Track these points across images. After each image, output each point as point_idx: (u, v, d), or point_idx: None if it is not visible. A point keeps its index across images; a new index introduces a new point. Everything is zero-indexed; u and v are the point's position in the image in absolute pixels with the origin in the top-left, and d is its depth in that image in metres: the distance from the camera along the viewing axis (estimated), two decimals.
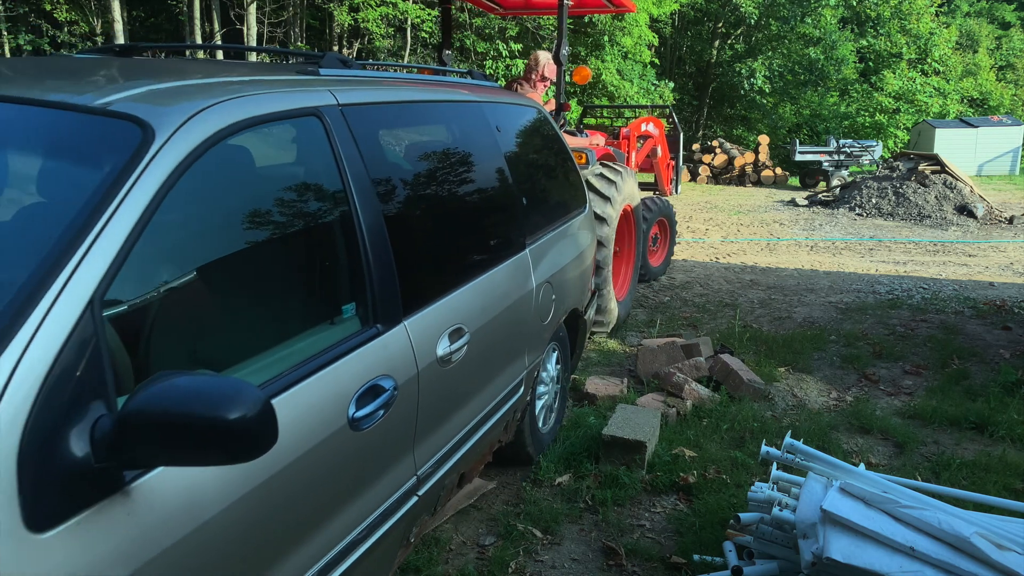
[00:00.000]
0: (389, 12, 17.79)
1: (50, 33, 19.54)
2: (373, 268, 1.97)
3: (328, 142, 1.95)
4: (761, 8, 22.24)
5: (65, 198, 1.40)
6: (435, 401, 2.20)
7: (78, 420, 1.19)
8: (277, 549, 1.60)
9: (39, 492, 1.12)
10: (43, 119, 1.56)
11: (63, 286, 1.22)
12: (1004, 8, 41.84)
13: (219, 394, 1.18)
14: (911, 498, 2.36)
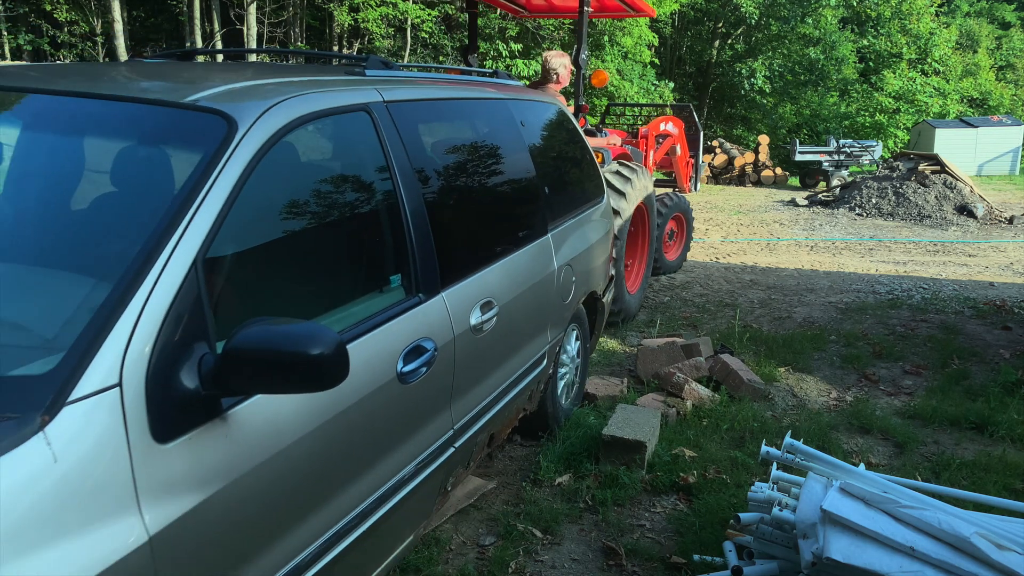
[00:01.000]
0: (389, 12, 17.79)
1: (50, 33, 19.53)
2: (415, 245, 2.27)
3: (376, 134, 2.25)
4: (761, 8, 22.23)
5: (168, 179, 1.70)
6: (468, 364, 2.48)
7: (187, 357, 1.48)
8: (339, 479, 1.87)
9: (161, 412, 1.41)
10: (144, 114, 1.86)
11: (173, 249, 1.51)
12: (1004, 8, 41.84)
13: (304, 335, 1.45)
14: (911, 498, 2.36)
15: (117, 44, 17.04)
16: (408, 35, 18.83)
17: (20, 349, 1.43)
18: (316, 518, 1.80)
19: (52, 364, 1.34)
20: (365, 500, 1.98)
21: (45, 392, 1.30)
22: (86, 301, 1.45)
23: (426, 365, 2.19)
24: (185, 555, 1.44)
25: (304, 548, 1.76)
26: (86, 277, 1.56)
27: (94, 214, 1.78)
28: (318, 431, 1.77)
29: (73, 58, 17.91)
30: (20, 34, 19.20)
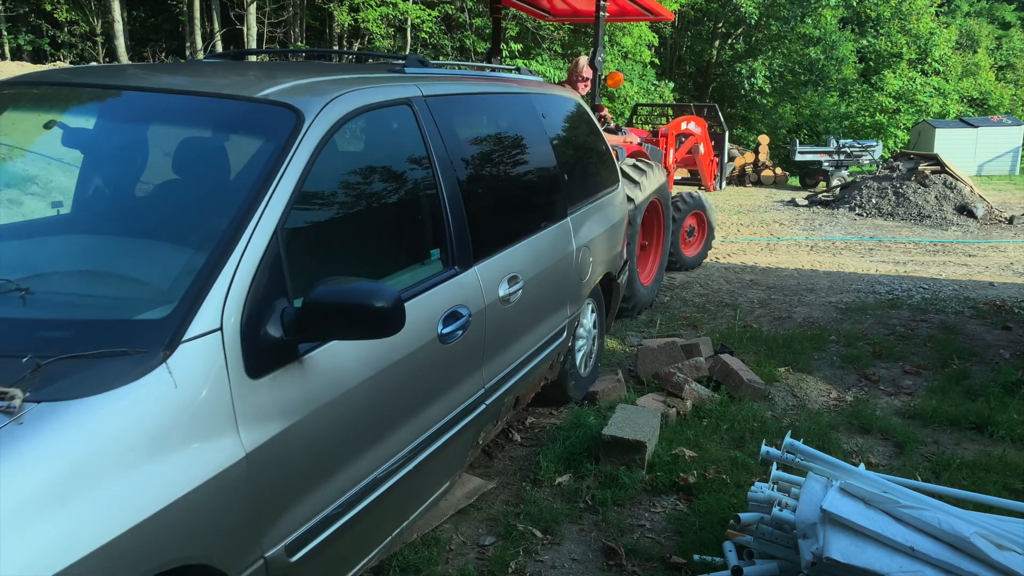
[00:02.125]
0: (389, 12, 17.79)
1: (50, 33, 19.52)
2: (452, 223, 2.57)
3: (416, 125, 2.55)
4: (761, 8, 22.23)
5: (250, 162, 1.98)
6: (497, 331, 2.79)
7: (272, 309, 1.78)
8: (392, 421, 2.20)
9: (252, 353, 1.71)
10: (225, 107, 2.18)
11: (257, 221, 1.80)
12: (1004, 8, 41.83)
13: (369, 290, 1.75)
14: (911, 498, 2.35)
15: (117, 44, 17.03)
16: (408, 35, 18.82)
17: (142, 300, 1.77)
18: (373, 453, 2.12)
19: (168, 311, 1.64)
20: (412, 442, 2.30)
21: (164, 332, 1.60)
22: (190, 263, 1.75)
23: (462, 329, 2.50)
24: (270, 473, 1.74)
25: (363, 478, 2.08)
26: (188, 245, 1.87)
27: (191, 193, 2.14)
28: (374, 378, 2.08)
29: (73, 58, 17.91)
30: (20, 34, 19.18)
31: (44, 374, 1.44)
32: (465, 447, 2.74)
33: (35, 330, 1.62)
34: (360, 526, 2.11)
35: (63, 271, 1.98)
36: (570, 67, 6.25)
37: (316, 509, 1.91)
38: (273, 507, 1.77)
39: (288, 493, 1.82)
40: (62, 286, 1.87)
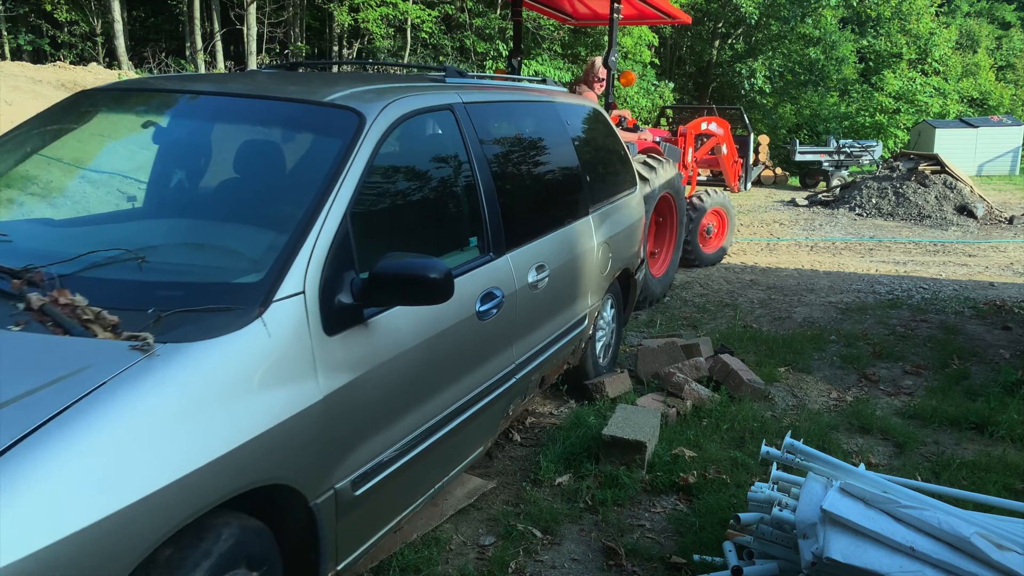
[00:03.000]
0: (389, 12, 17.78)
1: (50, 33, 19.50)
2: (487, 215, 2.89)
3: (457, 128, 2.89)
4: (761, 8, 22.22)
5: (321, 157, 2.31)
6: (526, 313, 3.09)
7: (343, 278, 2.10)
8: (438, 383, 2.52)
9: (328, 314, 2.03)
10: (298, 110, 2.57)
11: (330, 207, 2.13)
12: (1004, 8, 41.81)
13: (424, 264, 2.07)
14: (911, 498, 2.35)
15: (117, 44, 17.02)
16: (408, 35, 18.82)
17: (239, 267, 2.11)
18: (422, 409, 2.44)
19: (261, 276, 1.97)
20: (455, 403, 2.62)
21: (258, 293, 1.92)
22: (276, 239, 2.08)
23: (496, 308, 2.80)
24: (341, 416, 2.06)
25: (414, 430, 2.40)
26: (274, 224, 2.20)
27: (274, 182, 2.52)
28: (424, 344, 2.40)
29: (73, 58, 17.91)
30: (20, 34, 19.17)
31: (165, 323, 1.78)
32: (497, 416, 3.07)
33: (154, 290, 1.96)
34: (410, 473, 2.44)
35: (171, 244, 2.34)
36: (586, 68, 6.49)
37: (376, 452, 2.23)
38: (342, 446, 2.09)
39: (354, 435, 2.14)
40: (172, 256, 2.21)
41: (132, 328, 1.75)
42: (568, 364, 3.84)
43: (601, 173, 4.17)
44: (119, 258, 2.07)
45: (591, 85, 6.40)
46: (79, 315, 1.79)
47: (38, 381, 1.58)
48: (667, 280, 6.60)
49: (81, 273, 1.98)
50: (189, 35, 18.28)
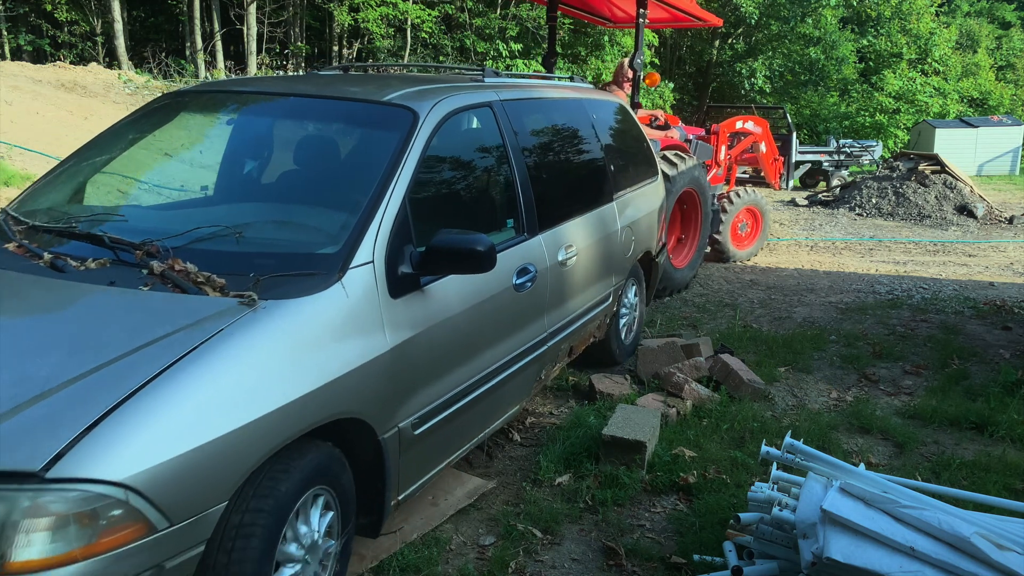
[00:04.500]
0: (389, 12, 17.77)
1: (50, 33, 19.50)
2: (522, 200, 3.25)
3: (496, 122, 3.26)
4: (761, 8, 22.21)
5: (383, 149, 2.68)
6: (556, 288, 3.45)
7: (403, 251, 2.47)
8: (481, 343, 2.89)
9: (391, 280, 2.41)
10: (361, 108, 2.97)
11: (392, 192, 2.50)
12: (1004, 8, 41.80)
13: (472, 239, 2.43)
14: (911, 498, 2.35)
15: (117, 44, 17.01)
16: (408, 35, 18.81)
17: (320, 241, 2.46)
18: (468, 365, 2.81)
19: (338, 248, 2.35)
20: (496, 363, 2.99)
21: (337, 261, 2.31)
22: (349, 218, 2.45)
23: (530, 281, 3.16)
24: (404, 365, 2.44)
25: (462, 383, 2.77)
26: (346, 207, 2.54)
27: (344, 171, 2.89)
28: (470, 309, 2.77)
29: (73, 58, 17.90)
30: (20, 34, 19.15)
31: (263, 285, 2.16)
32: (531, 378, 3.43)
33: (251, 259, 2.32)
34: (458, 420, 2.81)
35: (261, 222, 2.70)
36: (615, 69, 6.95)
37: (431, 399, 2.60)
38: (404, 391, 2.46)
39: (414, 383, 2.50)
40: (263, 232, 2.58)
41: (236, 289, 2.14)
42: (594, 337, 4.21)
43: (624, 163, 4.50)
44: (219, 233, 2.47)
45: (620, 85, 6.76)
46: (192, 278, 2.19)
47: (170, 327, 1.97)
48: (690, 271, 6.88)
49: (189, 246, 2.37)
50: (189, 35, 18.28)
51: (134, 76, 14.62)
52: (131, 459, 1.67)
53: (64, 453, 1.62)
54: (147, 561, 1.70)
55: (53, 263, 2.30)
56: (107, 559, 1.64)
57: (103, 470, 1.64)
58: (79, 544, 1.61)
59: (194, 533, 1.80)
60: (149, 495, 1.68)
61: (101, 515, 1.63)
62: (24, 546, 1.58)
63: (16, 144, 7.99)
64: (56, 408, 1.71)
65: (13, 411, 1.70)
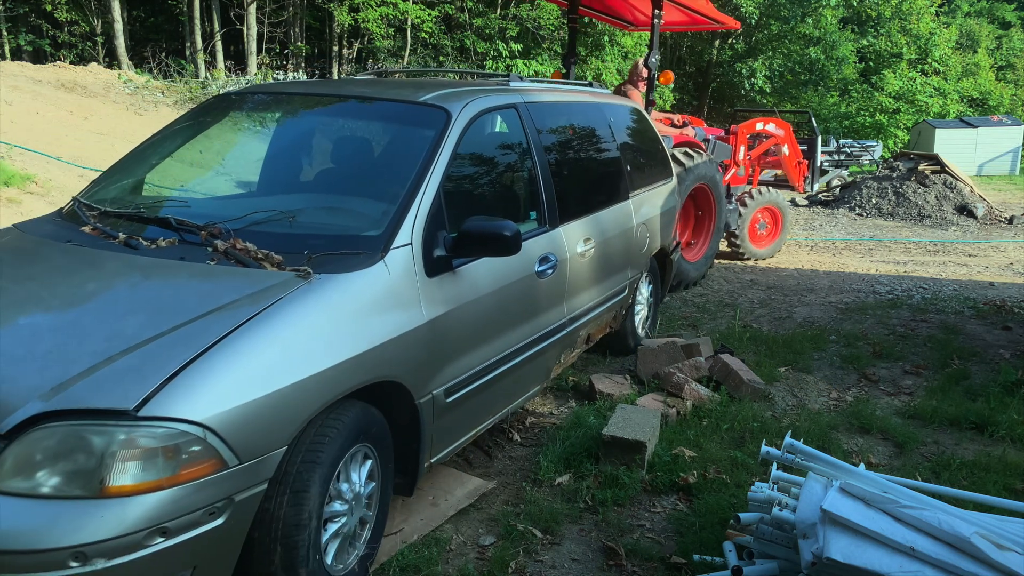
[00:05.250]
0: (389, 12, 17.77)
1: (50, 33, 19.49)
2: (544, 194, 3.49)
3: (520, 122, 3.51)
4: (761, 8, 22.21)
5: (414, 148, 2.95)
6: (575, 277, 3.68)
7: (437, 236, 2.73)
8: (506, 324, 3.13)
9: (427, 261, 2.67)
10: (399, 108, 3.28)
11: (427, 183, 2.76)
12: (1004, 8, 41.79)
13: (499, 224, 2.68)
14: (911, 498, 2.35)
15: (117, 44, 17.01)
16: (408, 35, 18.81)
17: (364, 224, 2.74)
18: (495, 343, 3.06)
19: (381, 231, 2.62)
20: (520, 343, 3.24)
21: (380, 242, 2.57)
22: (389, 207, 2.71)
23: (551, 269, 3.39)
24: (438, 337, 2.69)
25: (489, 359, 3.03)
26: (387, 195, 2.80)
27: (384, 164, 3.19)
28: (497, 291, 3.02)
29: (73, 58, 17.90)
30: (20, 34, 19.15)
31: (315, 262, 2.44)
32: (551, 360, 3.67)
33: (303, 240, 2.59)
34: (485, 393, 3.06)
35: (311, 208, 3.01)
36: (631, 69, 7.15)
37: (461, 371, 2.85)
38: (438, 361, 2.71)
39: (447, 355, 2.75)
40: (313, 217, 2.88)
41: (292, 265, 2.42)
42: (611, 328, 4.47)
43: (639, 164, 4.73)
44: (273, 218, 2.77)
45: (636, 84, 6.99)
46: (253, 255, 2.48)
47: (236, 295, 2.26)
48: (702, 266, 7.08)
49: (247, 228, 2.65)
50: (189, 35, 18.27)
51: (134, 76, 14.62)
52: (208, 403, 1.94)
53: (152, 396, 1.90)
54: (220, 493, 1.96)
55: (127, 242, 2.62)
56: (187, 488, 1.90)
57: (185, 411, 1.91)
58: (164, 474, 1.88)
59: (259, 472, 2.06)
60: (223, 435, 1.95)
61: (183, 450, 1.90)
62: (120, 473, 1.85)
63: (16, 144, 7.99)
64: (144, 359, 2.00)
65: (108, 361, 1.99)
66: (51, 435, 1.86)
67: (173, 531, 1.89)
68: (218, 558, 2.04)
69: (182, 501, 1.89)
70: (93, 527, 1.80)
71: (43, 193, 6.96)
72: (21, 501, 1.83)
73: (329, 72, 20.23)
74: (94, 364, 1.97)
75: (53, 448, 1.86)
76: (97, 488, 1.84)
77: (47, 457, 1.86)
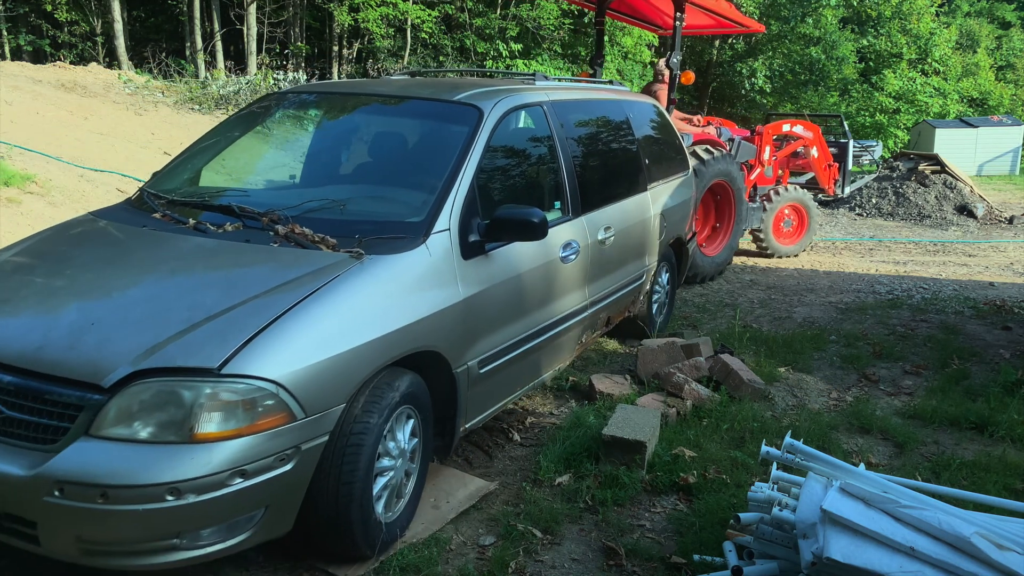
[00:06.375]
0: (389, 12, 17.76)
1: (50, 33, 19.49)
2: (567, 185, 3.79)
3: (546, 119, 3.80)
4: (761, 8, 22.20)
5: (450, 142, 3.23)
6: (596, 263, 3.96)
7: (472, 222, 3.03)
8: (532, 304, 3.42)
9: (463, 245, 2.97)
10: (435, 106, 3.59)
11: (462, 175, 3.07)
12: (1004, 8, 41.77)
13: (528, 212, 2.99)
14: (911, 498, 2.35)
15: (117, 44, 17.01)
16: (408, 35, 18.81)
17: (407, 212, 3.03)
18: (522, 322, 3.35)
19: (422, 217, 2.92)
20: (544, 322, 3.51)
21: (422, 228, 2.88)
22: (428, 197, 3.00)
23: (574, 255, 3.68)
24: (473, 314, 2.98)
25: (517, 335, 3.32)
26: (427, 186, 3.09)
27: (424, 157, 3.49)
28: (524, 274, 3.31)
29: (73, 58, 17.89)
30: (20, 34, 19.15)
31: (365, 245, 2.75)
32: (574, 340, 3.98)
33: (354, 225, 2.90)
34: (514, 367, 3.37)
35: (359, 197, 3.33)
36: (655, 70, 7.55)
37: (493, 345, 3.15)
38: (473, 335, 3.01)
39: (481, 329, 3.05)
40: (361, 206, 3.22)
41: (345, 247, 2.72)
42: (629, 312, 4.74)
43: (657, 157, 4.99)
44: (326, 206, 3.09)
45: (661, 84, 7.35)
46: (310, 238, 2.79)
47: (299, 273, 2.57)
48: (720, 261, 7.33)
49: (303, 215, 2.96)
50: (189, 35, 18.27)
51: (134, 76, 14.61)
52: (280, 363, 2.25)
53: (232, 357, 2.20)
54: (289, 442, 2.27)
55: (196, 227, 2.94)
56: (262, 437, 2.21)
57: (261, 369, 2.21)
58: (243, 424, 2.18)
59: (321, 425, 2.36)
60: (292, 391, 2.25)
61: (258, 403, 2.20)
62: (206, 422, 2.16)
63: (16, 144, 7.98)
64: (223, 326, 2.31)
65: (193, 327, 2.30)
66: (147, 389, 2.17)
67: (251, 473, 2.20)
68: (286, 499, 2.35)
69: (258, 448, 2.20)
70: (185, 467, 2.11)
71: (43, 193, 6.96)
72: (124, 445, 2.14)
73: (329, 72, 20.23)
74: (181, 330, 2.29)
75: (149, 401, 2.17)
76: (187, 435, 2.15)
77: (144, 408, 2.17)
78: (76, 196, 7.14)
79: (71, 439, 2.16)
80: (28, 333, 2.35)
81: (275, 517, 2.34)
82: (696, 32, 8.65)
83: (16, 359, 2.27)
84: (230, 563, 2.64)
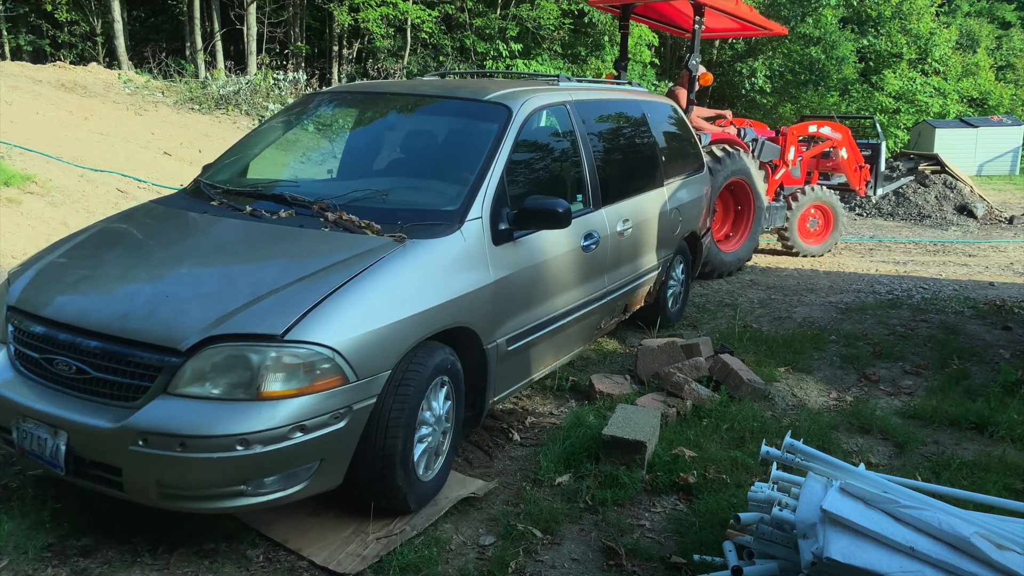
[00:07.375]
0: (389, 12, 17.76)
1: (50, 33, 19.49)
2: (589, 180, 4.06)
3: (569, 118, 4.08)
4: (761, 8, 22.17)
5: (482, 138, 3.49)
6: (615, 253, 4.24)
7: (502, 211, 3.30)
8: (556, 288, 3.69)
9: (494, 232, 3.25)
10: (467, 105, 3.84)
11: (492, 169, 3.34)
12: (1004, 8, 41.76)
13: (554, 202, 3.27)
14: (911, 498, 2.35)
15: (117, 44, 17.01)
16: (408, 35, 18.80)
17: (444, 201, 3.27)
18: (546, 305, 3.62)
19: (457, 206, 3.19)
20: (566, 306, 3.80)
21: (457, 215, 3.15)
22: (462, 188, 3.28)
23: (594, 244, 3.95)
24: (502, 295, 3.24)
25: (542, 317, 3.59)
26: (461, 178, 3.35)
27: (458, 152, 3.73)
28: (549, 261, 3.58)
29: (73, 58, 17.89)
30: (20, 34, 19.15)
31: (406, 230, 3.00)
32: (593, 325, 4.24)
33: (395, 213, 3.16)
34: (538, 346, 3.65)
35: (399, 188, 3.63)
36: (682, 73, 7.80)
37: (520, 325, 3.42)
38: (502, 315, 3.28)
39: (509, 310, 3.31)
40: (402, 196, 3.52)
41: (389, 232, 2.99)
42: (646, 301, 5.00)
43: (673, 154, 5.27)
44: (370, 195, 3.41)
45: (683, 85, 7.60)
46: (357, 224, 3.06)
47: (349, 254, 2.85)
48: (738, 258, 7.52)
49: (349, 204, 3.24)
50: (189, 35, 18.28)
51: (134, 76, 14.61)
52: (335, 332, 2.52)
53: (294, 325, 2.48)
54: (343, 402, 2.54)
55: (253, 213, 3.22)
56: (320, 396, 2.49)
57: (319, 336, 2.49)
58: (303, 384, 2.46)
59: (371, 388, 2.63)
60: (346, 356, 2.53)
61: (316, 367, 2.48)
62: (272, 382, 2.43)
63: (16, 144, 7.98)
64: (285, 298, 2.59)
65: (258, 299, 2.58)
66: (219, 353, 2.44)
67: (309, 428, 2.46)
68: (339, 454, 2.61)
69: (316, 406, 2.47)
70: (252, 421, 2.38)
71: (43, 193, 6.95)
72: (199, 402, 2.42)
73: (329, 72, 20.23)
74: (248, 301, 2.57)
75: (221, 363, 2.44)
76: (255, 393, 2.42)
77: (215, 370, 2.44)
78: (76, 196, 7.14)
79: (151, 396, 2.44)
80: (111, 305, 2.65)
81: (328, 470, 2.60)
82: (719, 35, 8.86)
83: (103, 327, 2.56)
84: (230, 563, 2.65)
